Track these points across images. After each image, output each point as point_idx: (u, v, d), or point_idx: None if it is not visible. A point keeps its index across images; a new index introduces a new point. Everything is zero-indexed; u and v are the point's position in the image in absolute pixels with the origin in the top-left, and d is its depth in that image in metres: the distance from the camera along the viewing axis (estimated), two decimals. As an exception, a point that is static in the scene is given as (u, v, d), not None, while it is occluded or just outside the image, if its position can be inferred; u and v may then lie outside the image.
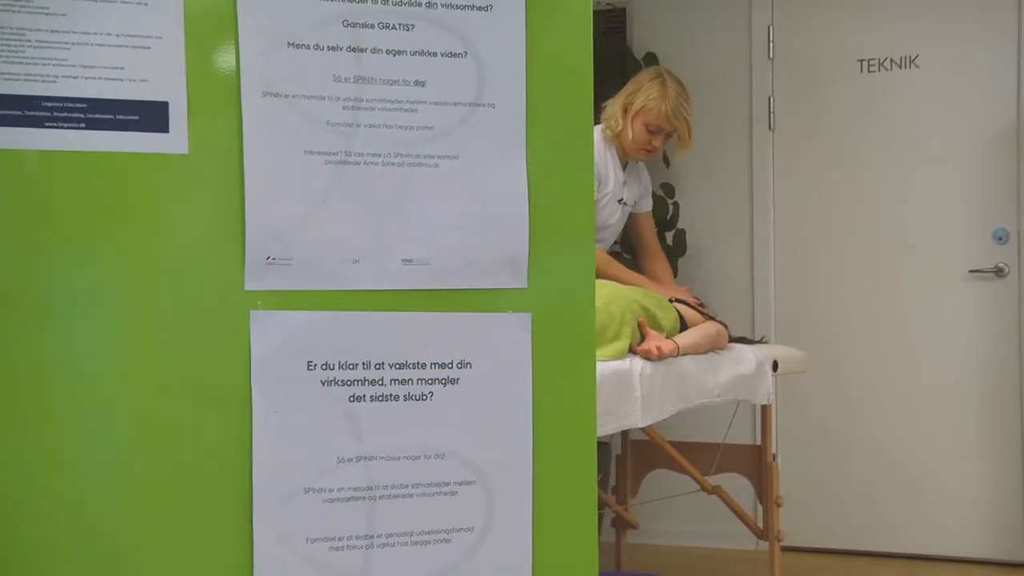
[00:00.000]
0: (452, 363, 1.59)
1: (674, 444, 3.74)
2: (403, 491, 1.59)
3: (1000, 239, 4.47)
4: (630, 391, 3.05)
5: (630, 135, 3.60)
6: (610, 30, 4.94)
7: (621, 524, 4.04)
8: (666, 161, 4.83)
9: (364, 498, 1.57)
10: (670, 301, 3.53)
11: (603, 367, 2.96)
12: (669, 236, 4.71)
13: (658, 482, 4.06)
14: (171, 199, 1.51)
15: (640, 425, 3.08)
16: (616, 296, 3.20)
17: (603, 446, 4.36)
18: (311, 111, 1.55)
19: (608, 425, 2.99)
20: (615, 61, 4.79)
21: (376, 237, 1.58)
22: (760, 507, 3.89)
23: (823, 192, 4.75)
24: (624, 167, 3.72)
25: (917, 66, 4.59)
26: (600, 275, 3.50)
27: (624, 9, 5.02)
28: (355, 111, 1.57)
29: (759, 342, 3.87)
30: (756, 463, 3.80)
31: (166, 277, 1.51)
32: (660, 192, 4.68)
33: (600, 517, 4.35)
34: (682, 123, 3.64)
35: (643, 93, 3.59)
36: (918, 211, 4.60)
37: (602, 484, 4.04)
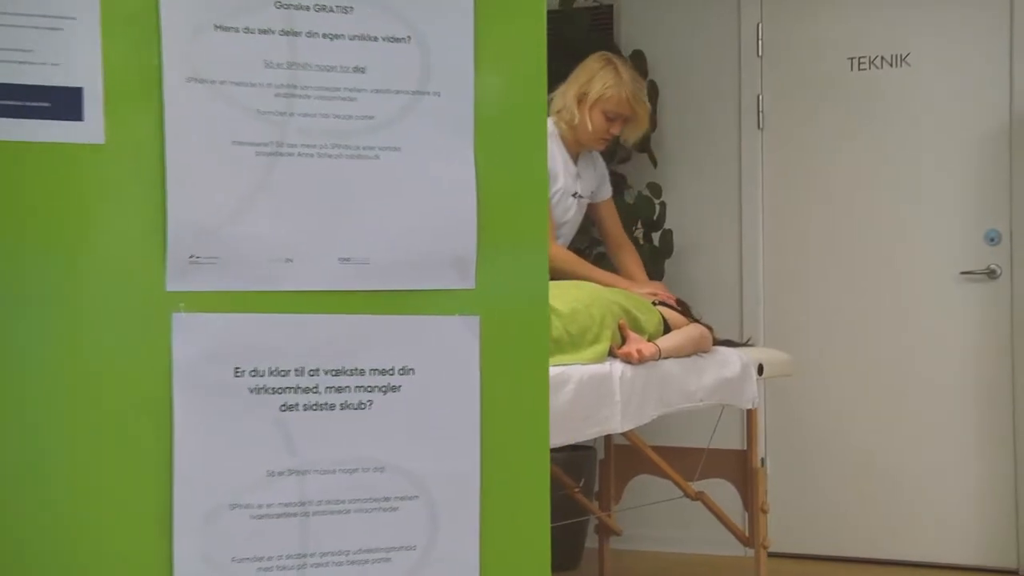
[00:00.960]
0: (393, 369, 1.48)
1: (658, 449, 3.65)
2: (339, 507, 1.48)
3: (992, 240, 4.38)
4: (610, 395, 2.97)
5: (589, 126, 3.51)
6: (596, 27, 4.84)
7: (604, 531, 3.94)
8: (653, 160, 4.74)
9: (296, 514, 1.46)
10: (653, 304, 3.43)
11: (582, 371, 2.88)
12: (656, 236, 4.62)
13: (642, 487, 3.96)
14: (86, 193, 1.40)
15: (620, 430, 3.00)
16: (597, 298, 3.11)
17: (587, 451, 4.27)
18: (240, 99, 1.44)
19: (587, 430, 2.91)
20: (601, 58, 4.69)
21: (311, 234, 1.48)
22: (746, 513, 3.78)
23: (813, 192, 4.65)
24: (575, 159, 3.62)
25: (908, 64, 4.50)
26: (569, 275, 3.40)
27: (611, 6, 4.92)
28: (289, 99, 1.47)
29: (745, 345, 3.78)
30: (742, 469, 3.70)
31: (80, 277, 1.40)
32: (646, 192, 4.59)
33: (584, 524, 4.25)
34: (641, 107, 3.57)
35: (598, 81, 3.49)
36: (909, 211, 4.50)
37: (585, 489, 3.93)
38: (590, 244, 4.41)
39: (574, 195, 3.60)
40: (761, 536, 3.62)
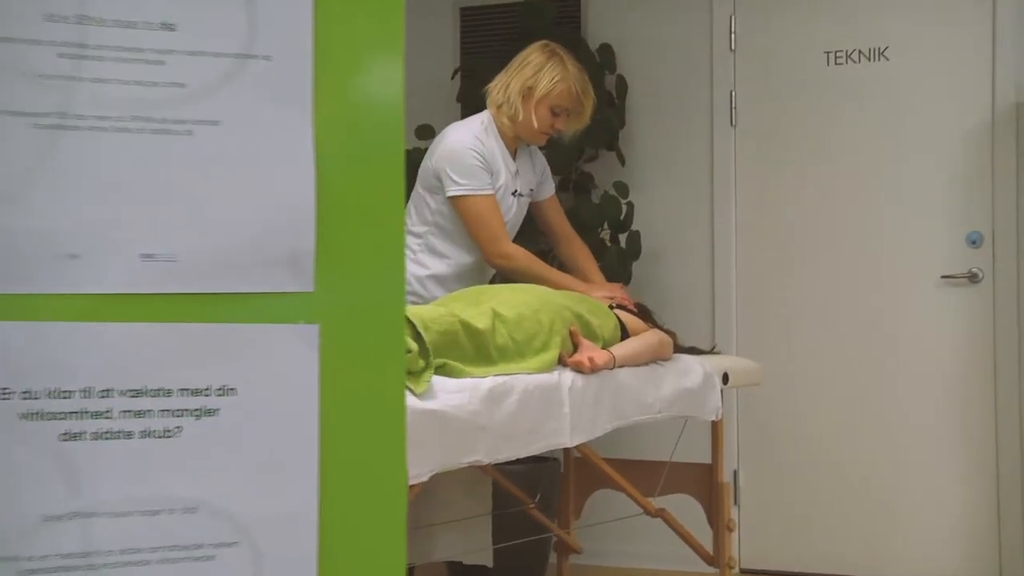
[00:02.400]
0: (209, 389, 1.21)
1: (618, 462, 3.46)
2: (137, 557, 1.20)
3: (974, 243, 4.19)
4: (558, 407, 2.78)
5: (534, 122, 3.33)
6: (562, 20, 4.64)
7: (563, 548, 3.74)
8: (621, 158, 4.56)
9: (80, 568, 1.19)
10: (611, 308, 3.23)
11: (527, 380, 2.69)
12: (623, 238, 4.42)
13: (605, 501, 3.76)
14: None
15: (569, 444, 2.81)
16: (546, 303, 2.91)
17: (550, 462, 4.06)
18: (15, 59, 1.18)
19: (533, 444, 2.72)
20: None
21: (104, 225, 1.21)
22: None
23: (788, 192, 4.47)
24: (514, 155, 3.43)
25: (887, 58, 4.32)
26: (528, 276, 3.22)
27: (579, -2, 4.74)
28: (77, 60, 1.20)
29: (710, 352, 3.58)
30: (707, 483, 3.50)
31: None
32: (612, 191, 4.39)
33: (546, 541, 4.04)
34: (588, 100, 3.40)
35: (545, 74, 3.30)
36: (888, 212, 4.32)
37: (545, 504, 3.72)
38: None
39: (514, 193, 3.42)
40: (726, 555, 3.42)
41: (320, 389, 1.24)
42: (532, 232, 4.20)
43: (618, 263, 4.31)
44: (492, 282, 3.49)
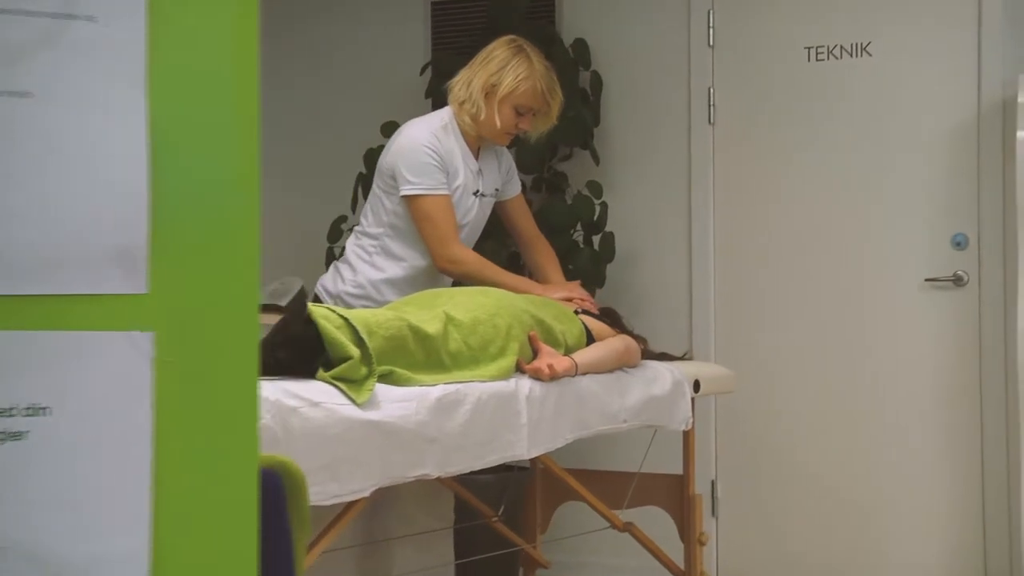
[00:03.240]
0: (15, 409, 1.02)
1: (585, 473, 3.33)
2: None
3: (959, 245, 4.05)
4: (515, 417, 2.64)
5: (497, 122, 3.18)
6: (536, 14, 4.49)
7: (529, 563, 3.59)
8: (595, 158, 4.41)
9: None
10: (576, 313, 3.08)
11: (481, 389, 2.56)
12: (596, 240, 4.27)
13: (573, 514, 3.62)
14: None
15: (526, 456, 2.67)
16: (504, 307, 2.77)
17: (518, 472, 3.89)
18: None
19: (487, 457, 2.58)
20: (543, 50, 4.33)
21: None
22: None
23: (768, 192, 4.32)
24: (476, 155, 3.28)
25: (869, 54, 4.18)
26: (476, 280, 3.09)
27: (553, -9, 4.59)
28: None
29: (682, 358, 3.43)
30: (678, 496, 3.35)
31: None
32: (586, 191, 4.24)
33: (515, 555, 3.88)
34: (555, 100, 3.26)
35: (510, 72, 3.15)
36: (871, 213, 4.17)
37: (513, 516, 3.56)
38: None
39: (475, 193, 3.27)
40: (698, 570, 3.28)
41: (154, 408, 1.05)
42: (501, 233, 4.06)
43: (591, 265, 4.16)
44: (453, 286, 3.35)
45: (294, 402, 2.16)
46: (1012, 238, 3.78)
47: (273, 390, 2.13)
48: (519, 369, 2.70)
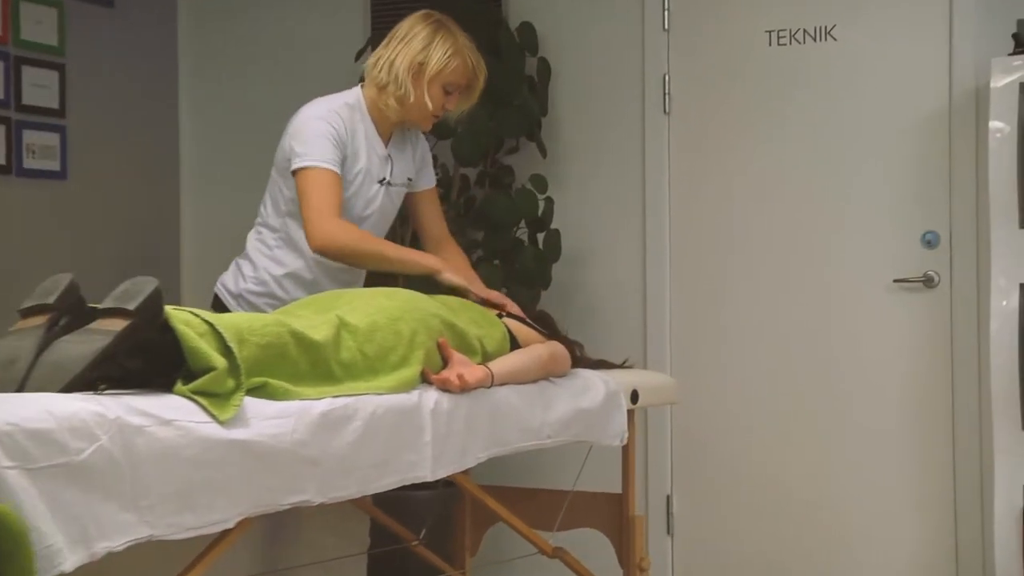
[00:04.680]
0: None
1: (516, 492, 3.05)
2: None
3: (929, 243, 3.78)
4: (417, 433, 2.35)
5: (428, 103, 2.90)
6: (481, -4, 4.21)
7: (457, 590, 3.30)
8: (542, 150, 4.13)
9: None
10: (499, 316, 2.79)
11: (376, 403, 2.27)
12: (541, 238, 3.98)
13: (506, 536, 3.31)
14: None
15: (430, 478, 2.38)
16: (409, 309, 2.47)
17: (452, 489, 3.60)
18: None
19: (382, 480, 2.30)
20: (487, 34, 4.05)
21: None
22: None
23: (726, 187, 4.06)
24: (386, 140, 3.00)
25: (834, 38, 3.92)
26: (358, 256, 2.84)
27: (499, -28, 4.31)
28: None
29: (621, 366, 3.14)
30: (616, 517, 3.06)
31: None
32: (529, 185, 3.95)
33: None
34: (482, 74, 3.00)
35: (436, 49, 2.89)
36: (836, 210, 3.91)
37: (435, 539, 3.27)
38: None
39: (381, 182, 2.98)
40: (637, 598, 2.99)
41: None
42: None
43: (535, 265, 3.88)
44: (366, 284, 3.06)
45: (140, 420, 1.86)
46: (985, 236, 3.50)
47: (113, 406, 1.84)
48: (425, 380, 2.41)
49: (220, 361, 2.00)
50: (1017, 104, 3.29)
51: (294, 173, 2.84)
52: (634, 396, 2.91)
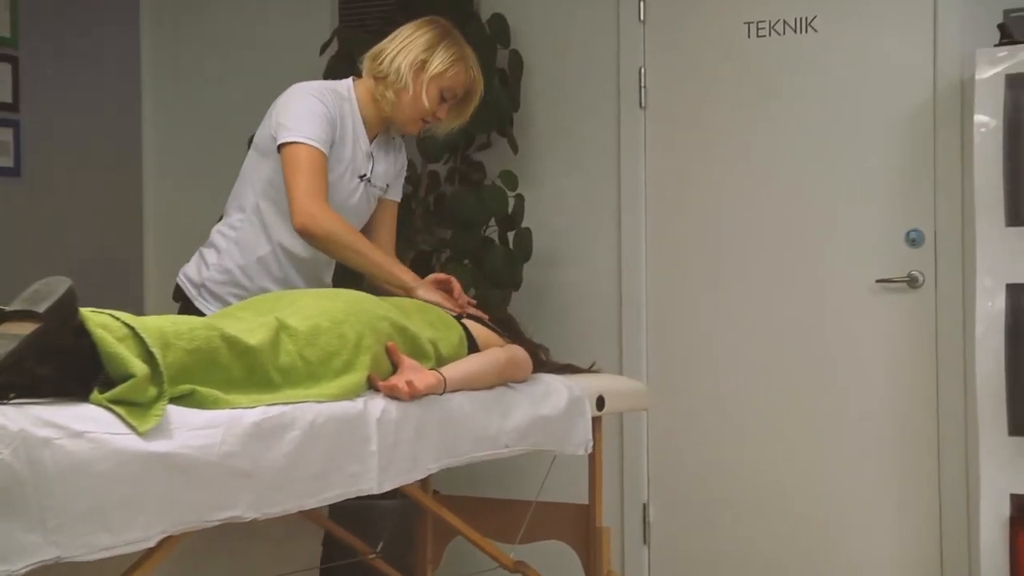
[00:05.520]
0: None
1: (479, 502, 2.91)
2: None
3: (913, 242, 3.65)
4: (362, 443, 2.21)
5: (424, 101, 2.83)
6: (451, -13, 4.06)
7: (420, 604, 3.16)
8: (513, 146, 3.99)
9: None
10: (458, 319, 2.65)
11: (317, 411, 2.14)
12: (511, 237, 3.84)
13: (470, 548, 3.17)
14: None
15: (377, 491, 2.24)
16: (357, 311, 2.33)
17: (406, 499, 3.44)
18: None
19: (324, 493, 2.16)
20: (457, 26, 3.91)
21: None
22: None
23: (704, 184, 3.94)
24: (373, 139, 2.91)
25: (815, 29, 3.78)
26: (339, 249, 2.73)
27: (470, -38, 4.16)
28: None
29: (589, 370, 3.00)
30: (583, 528, 2.92)
31: None
32: (499, 182, 3.81)
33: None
34: (478, 89, 2.97)
35: (441, 51, 2.84)
36: (817, 207, 3.78)
37: (395, 552, 3.13)
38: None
39: (362, 177, 2.88)
40: (604, 614, 2.85)
41: None
42: (410, 232, 3.66)
43: (504, 265, 3.74)
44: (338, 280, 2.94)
45: (47, 431, 1.72)
46: (971, 234, 3.35)
47: (17, 417, 1.70)
48: (372, 387, 2.27)
49: (141, 367, 1.86)
50: (1003, 97, 3.16)
51: (281, 147, 2.71)
52: (600, 402, 2.77)
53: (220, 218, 2.96)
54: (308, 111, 2.73)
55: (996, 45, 3.24)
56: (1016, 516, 3.14)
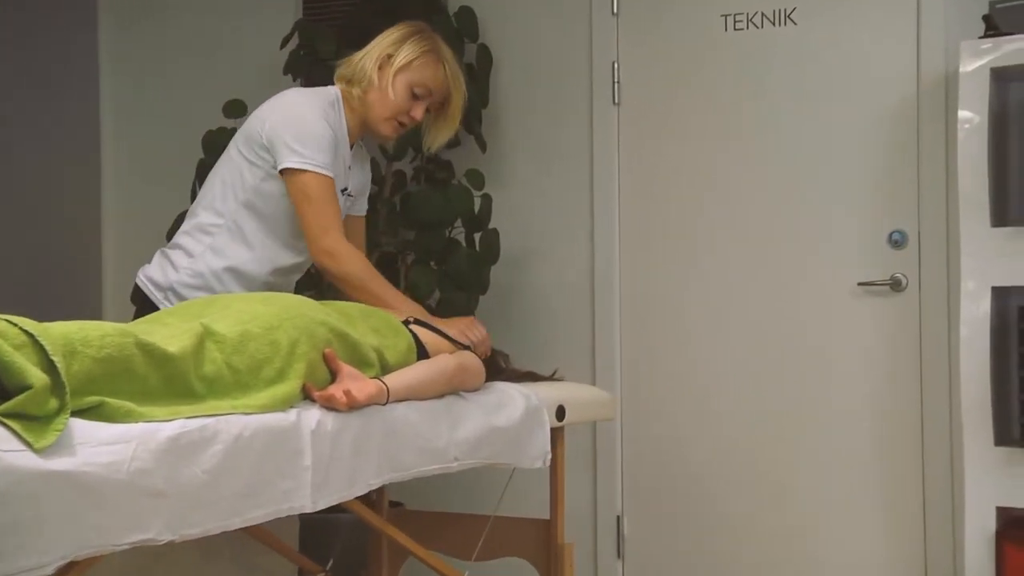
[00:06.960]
0: None
1: (438, 517, 2.75)
2: None
3: (896, 243, 3.50)
4: (294, 458, 2.05)
5: (391, 94, 2.71)
6: (418, -21, 3.91)
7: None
8: (481, 144, 3.84)
9: None
10: (406, 324, 2.50)
11: (244, 423, 1.98)
12: (477, 239, 3.69)
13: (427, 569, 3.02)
14: None
15: (311, 509, 2.08)
16: (291, 316, 2.17)
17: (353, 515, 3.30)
18: None
19: (252, 511, 2.00)
20: (423, 20, 3.77)
21: None
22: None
23: (679, 182, 3.79)
24: (351, 146, 2.82)
25: (794, 22, 3.65)
26: (356, 290, 2.65)
27: (438, -46, 4.01)
28: None
29: (550, 378, 2.85)
30: (544, 544, 2.77)
31: None
32: (464, 182, 3.66)
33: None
34: (459, 92, 2.82)
35: (409, 46, 2.73)
36: (796, 207, 3.64)
37: (341, 571, 2.98)
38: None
39: (343, 191, 2.80)
40: (566, 636, 2.70)
41: None
42: (374, 234, 3.51)
43: (470, 267, 3.58)
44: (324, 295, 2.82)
45: (-72, 449, 1.57)
46: (956, 235, 3.21)
47: None
48: (307, 397, 2.12)
49: (39, 378, 1.70)
50: (988, 91, 3.01)
51: (289, 171, 2.62)
52: (560, 412, 2.62)
53: (182, 215, 2.83)
54: (319, 137, 2.64)
55: (981, 37, 3.10)
56: (1002, 530, 2.99)
